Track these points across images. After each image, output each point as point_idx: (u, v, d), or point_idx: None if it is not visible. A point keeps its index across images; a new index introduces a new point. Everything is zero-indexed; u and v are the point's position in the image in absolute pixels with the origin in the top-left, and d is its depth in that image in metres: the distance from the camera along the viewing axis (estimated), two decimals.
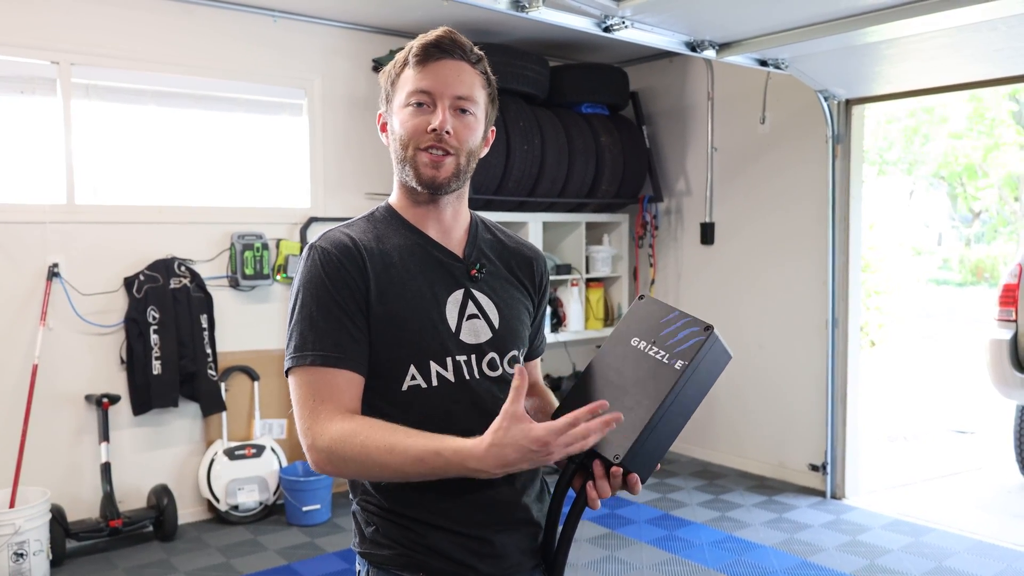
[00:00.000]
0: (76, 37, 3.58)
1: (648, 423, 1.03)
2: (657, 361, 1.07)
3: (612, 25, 2.99)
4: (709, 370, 1.08)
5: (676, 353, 1.06)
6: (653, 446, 1.06)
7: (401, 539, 1.17)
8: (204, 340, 3.83)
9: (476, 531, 1.17)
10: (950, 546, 3.56)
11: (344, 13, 4.17)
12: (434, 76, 1.15)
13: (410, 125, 1.15)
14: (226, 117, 4.16)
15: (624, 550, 3.52)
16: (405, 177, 1.19)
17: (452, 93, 1.15)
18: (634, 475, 1.06)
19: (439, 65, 1.15)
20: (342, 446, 1.06)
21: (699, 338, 1.06)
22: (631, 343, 1.11)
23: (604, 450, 1.06)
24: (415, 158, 1.16)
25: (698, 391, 1.08)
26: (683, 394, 1.05)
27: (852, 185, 4.17)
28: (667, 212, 5.04)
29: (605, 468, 1.07)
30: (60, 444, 3.59)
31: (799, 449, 4.41)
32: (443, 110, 1.14)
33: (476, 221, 1.30)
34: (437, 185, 1.17)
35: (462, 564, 1.16)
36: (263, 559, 3.45)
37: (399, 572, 1.17)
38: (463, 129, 1.16)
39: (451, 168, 1.17)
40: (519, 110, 4.32)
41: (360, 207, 4.26)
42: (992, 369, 4.34)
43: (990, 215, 16.34)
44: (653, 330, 1.11)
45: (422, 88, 1.15)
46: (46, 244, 3.54)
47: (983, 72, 3.63)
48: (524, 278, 1.30)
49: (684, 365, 1.05)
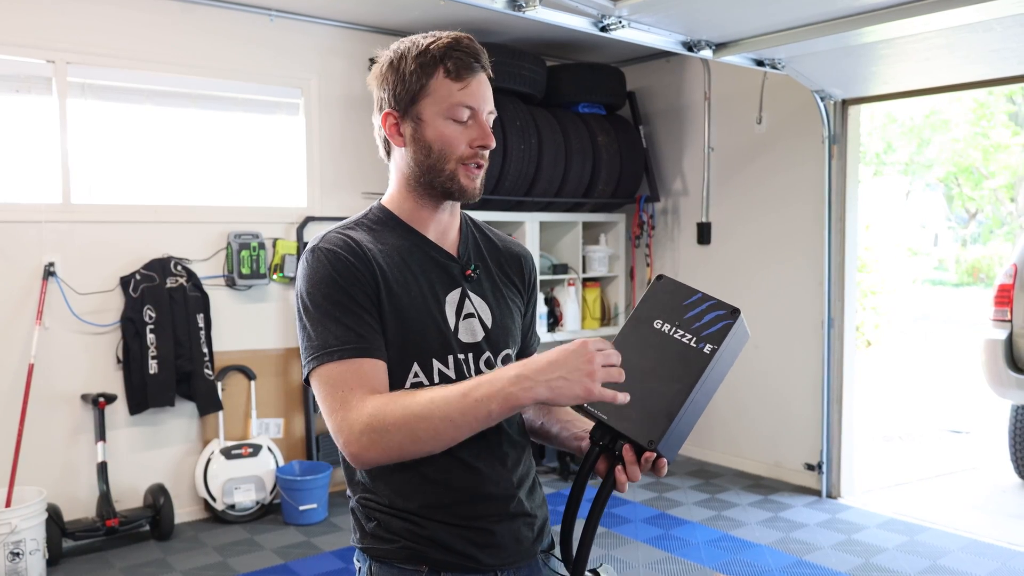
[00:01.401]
0: (72, 36, 3.58)
1: (681, 409, 1.03)
2: (684, 345, 1.06)
3: (609, 25, 3.00)
4: (732, 351, 1.09)
5: (704, 337, 1.06)
6: (682, 430, 1.06)
7: (402, 532, 1.18)
8: (200, 339, 3.82)
9: (477, 523, 1.18)
10: (945, 545, 3.58)
11: (340, 12, 4.17)
12: (476, 92, 1.18)
13: (456, 140, 1.18)
14: (222, 116, 4.15)
15: (620, 549, 3.53)
16: (440, 186, 1.20)
17: (488, 108, 1.20)
18: (663, 459, 1.07)
19: (477, 79, 1.18)
20: (382, 418, 1.04)
21: (727, 321, 1.06)
22: (654, 325, 1.10)
23: (637, 436, 1.05)
24: (456, 172, 1.19)
25: (721, 372, 1.08)
26: (711, 377, 1.06)
27: (848, 185, 4.18)
28: (664, 212, 5.05)
29: (637, 453, 1.07)
30: (56, 443, 3.59)
31: (795, 449, 4.42)
32: (486, 127, 1.19)
33: (466, 220, 1.32)
34: (475, 195, 1.22)
35: (464, 555, 1.17)
36: (260, 558, 3.45)
37: (401, 565, 1.18)
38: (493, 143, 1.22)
39: (482, 179, 1.23)
40: (516, 110, 4.32)
41: (356, 206, 4.25)
42: (987, 369, 4.35)
43: (986, 216, 16.39)
44: (676, 312, 1.09)
45: (468, 104, 1.17)
46: (42, 243, 3.53)
47: (979, 73, 3.64)
48: (514, 276, 1.32)
49: (713, 349, 1.04)
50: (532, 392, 0.99)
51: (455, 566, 1.17)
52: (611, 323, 5.14)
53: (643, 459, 1.07)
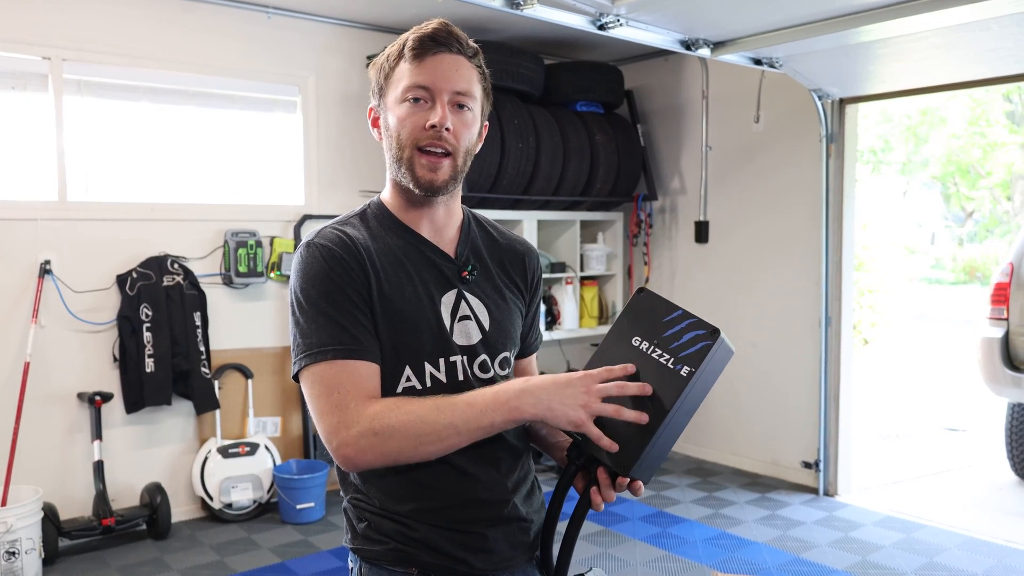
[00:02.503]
0: (68, 33, 3.56)
1: (656, 436, 1.01)
2: (661, 365, 1.03)
3: (607, 23, 2.99)
4: (714, 370, 1.05)
5: (681, 358, 1.02)
6: (658, 452, 1.05)
7: (393, 534, 1.16)
8: (197, 338, 3.82)
9: (468, 526, 1.16)
10: (941, 542, 3.58)
11: (338, 10, 4.16)
12: (432, 70, 1.11)
13: (408, 122, 1.11)
14: (219, 114, 4.14)
15: (618, 547, 3.53)
16: (400, 178, 1.16)
17: (451, 88, 1.12)
18: (638, 482, 1.06)
19: (437, 59, 1.11)
20: (385, 420, 1.04)
21: (705, 343, 1.02)
22: (632, 342, 1.07)
23: (610, 462, 1.05)
24: (412, 159, 1.12)
25: (701, 393, 1.05)
26: (688, 399, 1.03)
27: (845, 184, 4.19)
28: (661, 211, 5.05)
29: (611, 476, 1.06)
30: (52, 442, 3.58)
31: (792, 447, 4.43)
32: (442, 106, 1.11)
33: (468, 218, 1.28)
34: (436, 188, 1.15)
35: (454, 558, 1.16)
36: (257, 557, 3.45)
37: (391, 567, 1.17)
38: (462, 127, 1.13)
39: (448, 171, 1.14)
40: (514, 108, 4.31)
41: (354, 204, 4.20)
42: (984, 367, 4.36)
43: (983, 215, 16.42)
44: (655, 329, 1.06)
45: (420, 83, 1.11)
46: (38, 241, 3.52)
47: (976, 72, 3.64)
48: (516, 275, 1.28)
49: (691, 372, 1.01)
50: (534, 409, 1.03)
51: (446, 569, 1.16)
52: (608, 322, 5.14)
53: (617, 482, 1.06)
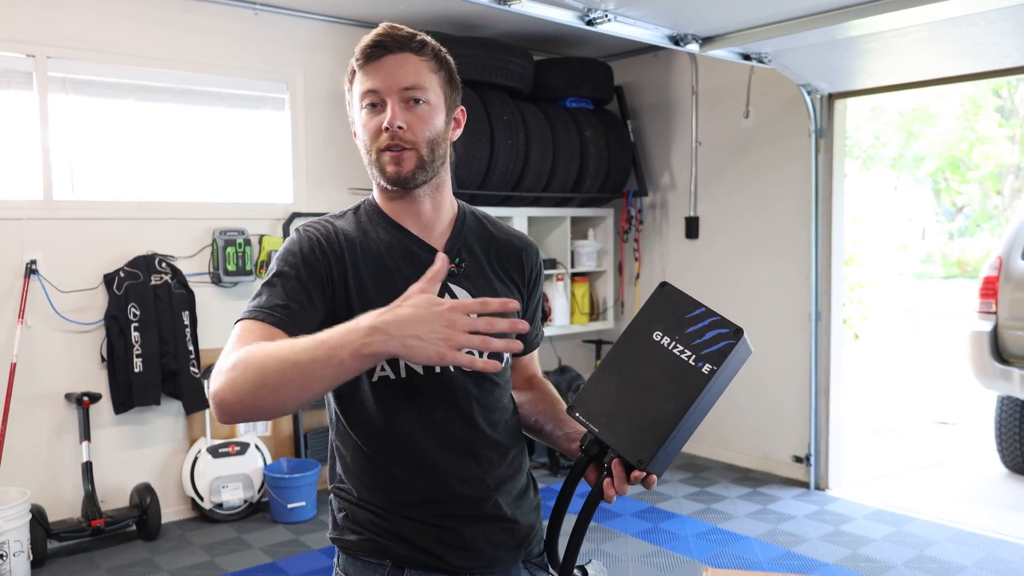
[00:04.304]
0: (52, 30, 3.53)
1: (675, 428, 1.01)
2: (683, 362, 1.03)
3: (595, 18, 2.99)
4: (733, 369, 1.05)
5: (703, 355, 1.02)
6: (673, 448, 1.04)
7: (368, 525, 1.17)
8: (186, 337, 3.79)
9: (443, 521, 1.16)
10: (931, 535, 3.60)
11: (326, 6, 4.13)
12: (377, 74, 1.16)
13: (368, 128, 1.17)
14: (207, 112, 4.11)
15: (610, 543, 3.53)
16: (375, 178, 1.21)
17: (398, 86, 1.15)
18: (652, 476, 1.05)
19: (381, 63, 1.16)
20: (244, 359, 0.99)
21: (728, 342, 1.02)
22: (653, 337, 1.07)
23: (627, 453, 1.03)
24: (378, 159, 1.17)
25: (719, 390, 1.05)
26: (709, 395, 1.03)
27: (835, 179, 4.20)
28: (652, 206, 5.05)
29: (626, 469, 1.05)
30: (40, 444, 3.55)
31: (783, 441, 4.44)
32: (392, 106, 1.15)
33: (464, 213, 1.28)
34: (403, 180, 1.17)
35: (428, 553, 1.15)
36: (248, 557, 3.43)
37: (366, 558, 1.17)
38: (416, 121, 1.16)
39: (412, 161, 1.16)
40: (503, 104, 4.30)
41: (343, 202, 4.22)
42: (973, 360, 4.39)
43: (973, 209, 16.52)
44: (677, 326, 1.06)
45: (369, 88, 1.16)
46: (23, 241, 3.49)
47: (963, 66, 3.65)
48: (512, 270, 1.28)
49: (712, 370, 1.01)
50: (386, 346, 0.93)
51: (419, 563, 1.15)
52: (599, 318, 5.14)
53: (632, 476, 1.05)
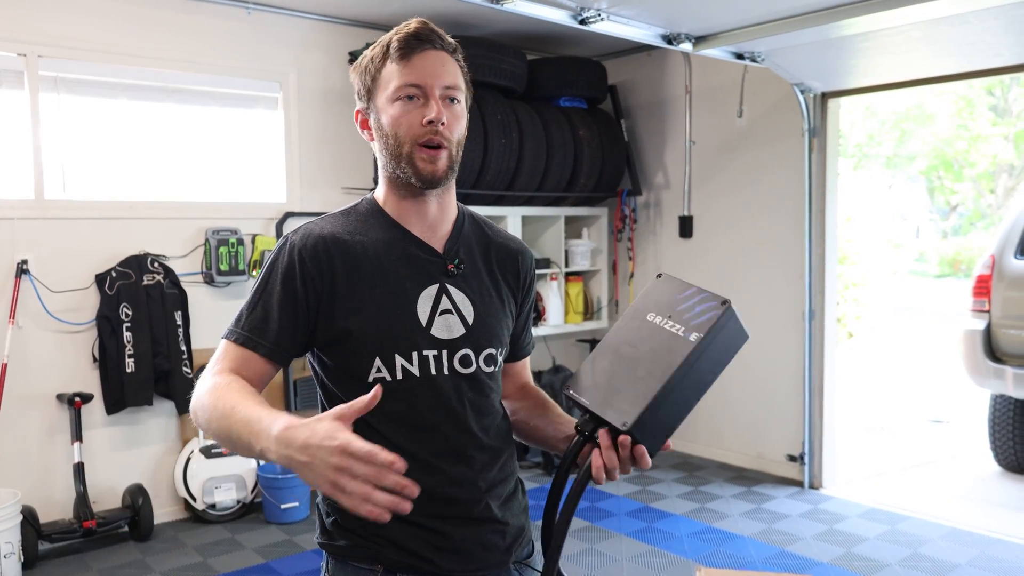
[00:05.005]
0: (44, 28, 3.51)
1: (659, 393, 1.02)
2: (672, 334, 1.07)
3: (588, 18, 2.99)
4: (725, 346, 1.08)
5: (692, 326, 1.06)
6: (663, 419, 1.05)
7: (358, 530, 1.16)
8: (179, 337, 3.78)
9: (433, 523, 1.15)
10: (925, 534, 3.61)
11: (319, 5, 4.12)
12: (421, 68, 1.14)
13: (405, 120, 1.15)
14: (199, 111, 4.09)
15: (604, 543, 3.53)
16: (401, 173, 1.18)
17: (441, 84, 1.15)
18: (641, 447, 1.04)
19: (423, 56, 1.15)
20: (204, 400, 1.07)
21: (716, 312, 1.06)
22: (647, 318, 1.11)
23: (611, 417, 1.05)
24: (412, 155, 1.15)
25: (712, 367, 1.07)
26: (696, 368, 1.04)
27: (828, 178, 4.20)
28: (646, 206, 5.05)
29: (612, 438, 1.05)
30: (31, 444, 3.53)
31: (777, 440, 4.44)
32: (436, 101, 1.15)
33: (464, 215, 1.29)
34: (436, 179, 1.17)
35: (419, 556, 1.15)
36: (241, 558, 3.42)
37: (356, 563, 1.16)
38: (453, 120, 1.17)
39: (446, 161, 1.17)
40: (497, 104, 4.29)
41: (336, 201, 4.22)
42: (966, 359, 4.40)
43: (967, 208, 16.57)
44: (670, 305, 1.10)
45: (411, 81, 1.14)
46: (14, 241, 3.47)
47: (956, 65, 3.66)
48: (508, 274, 1.28)
49: (699, 338, 1.04)
50: (279, 460, 0.94)
51: (411, 567, 1.15)
52: (593, 317, 5.13)
53: (620, 445, 1.04)
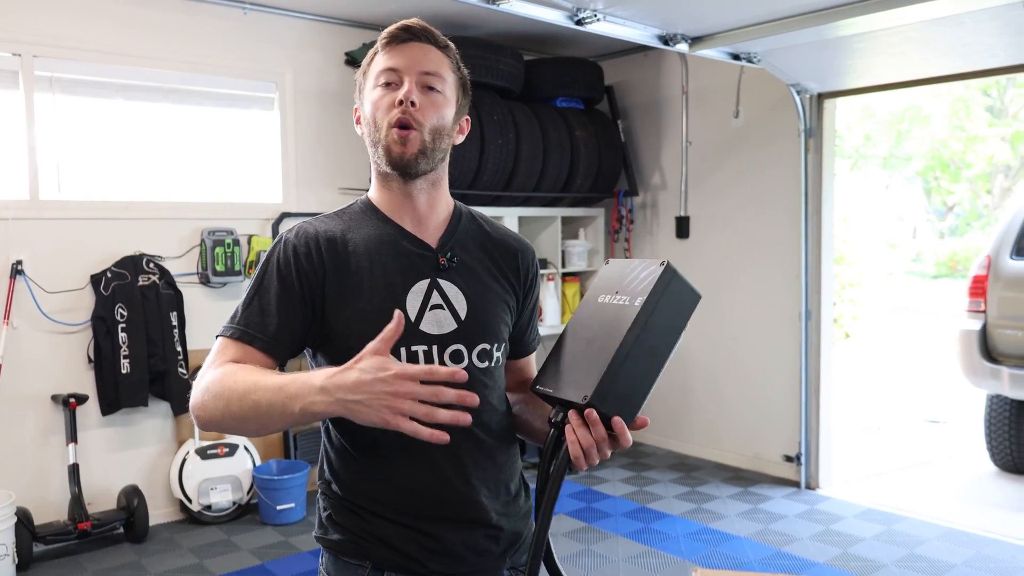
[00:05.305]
0: (39, 28, 3.50)
1: (612, 360, 1.02)
2: (619, 306, 1.09)
3: (584, 18, 2.99)
4: (676, 308, 1.08)
5: (636, 293, 1.08)
6: (626, 387, 1.04)
7: (350, 525, 1.16)
8: (174, 338, 3.77)
9: (423, 525, 1.15)
10: (922, 534, 3.61)
11: (316, 5, 4.12)
12: (400, 55, 1.18)
13: (381, 104, 1.17)
14: (195, 111, 4.08)
15: (600, 543, 3.52)
16: (377, 160, 1.20)
17: (418, 69, 1.17)
18: (618, 419, 1.01)
19: (407, 46, 1.18)
20: (218, 384, 1.06)
21: (655, 274, 1.07)
22: (598, 301, 1.13)
23: (571, 395, 1.05)
24: (386, 136, 1.16)
25: (667, 329, 1.07)
26: (649, 331, 1.04)
27: (824, 178, 4.20)
28: (642, 206, 5.05)
29: (582, 417, 1.04)
30: (26, 446, 3.52)
31: (774, 440, 4.45)
32: (409, 83, 1.16)
33: (461, 212, 1.28)
34: (405, 162, 1.16)
35: (408, 556, 1.14)
36: (237, 559, 3.41)
37: (347, 559, 1.17)
38: (429, 105, 1.17)
39: (416, 144, 1.15)
40: (493, 104, 4.29)
41: (333, 202, 4.22)
42: (962, 359, 4.40)
43: (963, 209, 16.61)
44: (617, 282, 1.12)
45: (389, 67, 1.17)
46: (9, 241, 3.46)
47: (952, 66, 3.66)
48: (507, 270, 1.27)
49: (643, 301, 1.06)
50: (330, 408, 0.96)
51: (399, 567, 1.15)
52: None
53: (590, 423, 1.02)
